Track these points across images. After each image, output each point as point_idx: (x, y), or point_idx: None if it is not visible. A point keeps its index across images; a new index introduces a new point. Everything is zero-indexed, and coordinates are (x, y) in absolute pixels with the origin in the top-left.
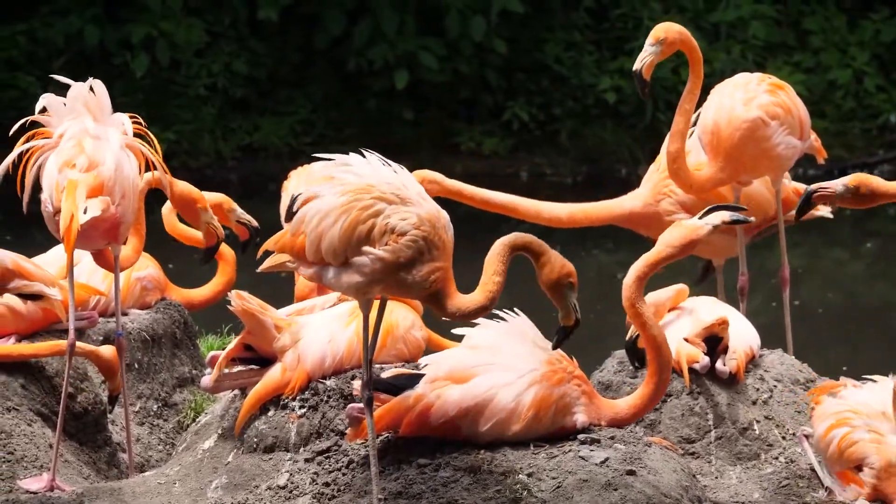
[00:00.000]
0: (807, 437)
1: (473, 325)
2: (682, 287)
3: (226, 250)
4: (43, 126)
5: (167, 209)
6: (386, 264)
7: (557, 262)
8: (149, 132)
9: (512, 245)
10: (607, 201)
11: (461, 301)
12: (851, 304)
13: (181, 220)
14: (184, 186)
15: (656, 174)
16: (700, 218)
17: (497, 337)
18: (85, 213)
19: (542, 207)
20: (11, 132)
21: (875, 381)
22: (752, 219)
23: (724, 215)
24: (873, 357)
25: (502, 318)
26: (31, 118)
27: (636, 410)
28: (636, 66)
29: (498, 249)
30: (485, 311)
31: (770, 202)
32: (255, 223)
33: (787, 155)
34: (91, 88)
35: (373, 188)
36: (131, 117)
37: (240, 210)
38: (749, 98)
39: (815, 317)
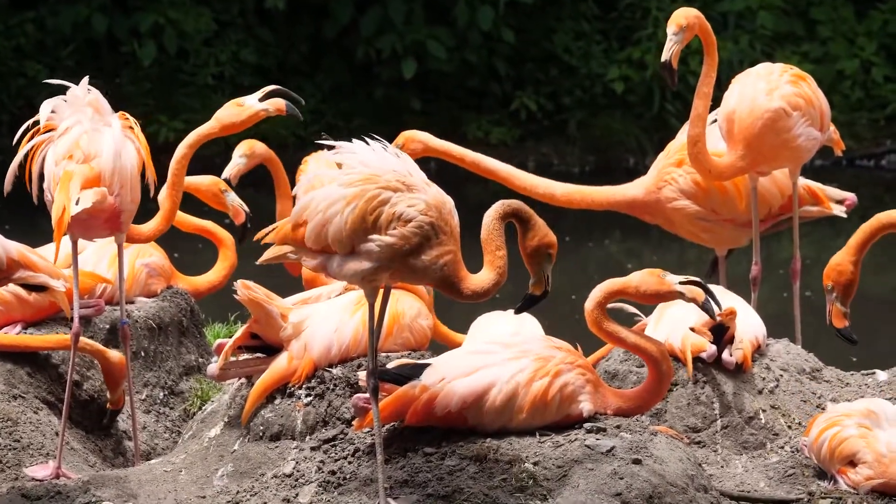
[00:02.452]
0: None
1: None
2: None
3: (224, 235)
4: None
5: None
6: (394, 250)
7: (541, 231)
8: (139, 134)
9: (503, 214)
10: (609, 186)
11: (474, 282)
12: (860, 295)
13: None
14: (202, 181)
15: (663, 160)
16: (680, 283)
17: (495, 337)
18: (77, 204)
19: (539, 182)
20: (15, 141)
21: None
22: (719, 317)
23: (699, 295)
24: (882, 348)
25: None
26: (34, 119)
27: (641, 402)
28: (664, 56)
29: (492, 224)
30: (497, 286)
31: (776, 197)
32: (245, 208)
33: (807, 146)
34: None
35: (378, 178)
36: (121, 116)
37: (233, 194)
38: (771, 88)
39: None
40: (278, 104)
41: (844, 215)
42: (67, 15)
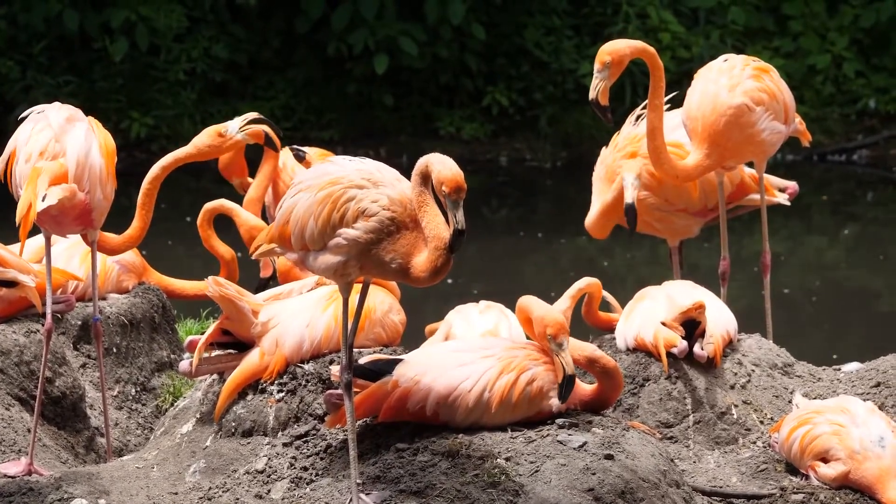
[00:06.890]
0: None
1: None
2: (592, 280)
3: (232, 269)
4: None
5: (202, 218)
6: (359, 244)
7: (435, 169)
8: (105, 134)
9: (419, 181)
10: (605, 209)
11: (419, 265)
12: (831, 290)
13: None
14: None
15: (612, 153)
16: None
17: (464, 340)
18: (43, 200)
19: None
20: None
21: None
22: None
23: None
24: (854, 342)
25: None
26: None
27: (601, 399)
28: (591, 95)
29: (419, 203)
30: (437, 250)
31: (725, 185)
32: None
33: (772, 140)
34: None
35: (343, 178)
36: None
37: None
38: (734, 84)
39: (795, 302)
40: (257, 132)
41: (787, 203)
42: (39, 11)
